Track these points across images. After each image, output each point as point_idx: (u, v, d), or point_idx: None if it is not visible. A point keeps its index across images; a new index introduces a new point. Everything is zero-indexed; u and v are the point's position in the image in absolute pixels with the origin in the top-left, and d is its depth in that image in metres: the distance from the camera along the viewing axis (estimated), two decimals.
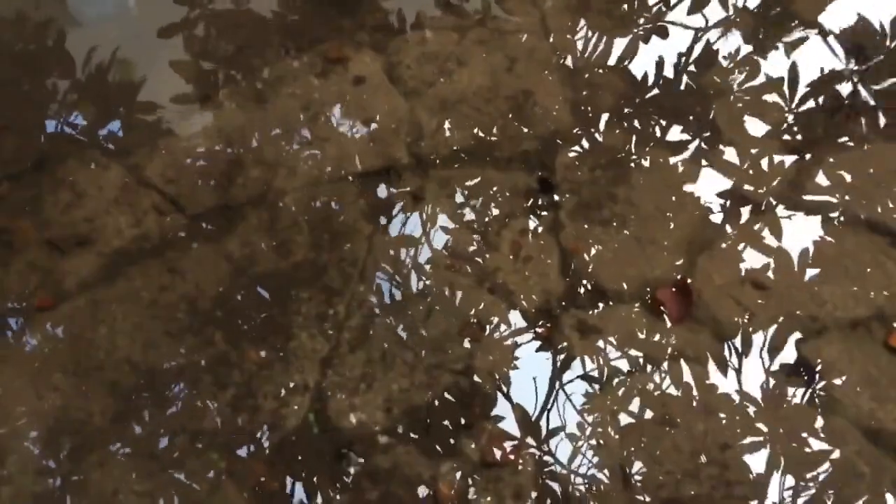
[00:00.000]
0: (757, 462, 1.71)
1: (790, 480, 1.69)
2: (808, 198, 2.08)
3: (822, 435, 1.74)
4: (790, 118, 2.23)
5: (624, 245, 2.00)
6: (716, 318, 1.89)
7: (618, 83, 2.29)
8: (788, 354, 1.85)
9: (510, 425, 1.76)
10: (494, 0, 2.48)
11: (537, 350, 1.85)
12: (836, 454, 1.72)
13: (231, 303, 1.90)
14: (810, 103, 2.27)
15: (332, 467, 1.70)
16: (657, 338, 1.87)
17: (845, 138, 2.19)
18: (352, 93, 2.26)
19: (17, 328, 1.87)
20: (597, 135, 2.19)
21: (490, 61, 2.33)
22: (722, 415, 1.77)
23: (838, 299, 1.92)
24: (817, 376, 1.81)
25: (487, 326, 1.88)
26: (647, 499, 1.67)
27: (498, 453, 1.71)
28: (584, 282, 1.95)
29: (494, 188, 2.09)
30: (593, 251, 1.99)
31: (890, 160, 2.14)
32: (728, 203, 2.07)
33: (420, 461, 1.71)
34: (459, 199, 2.07)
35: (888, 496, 1.68)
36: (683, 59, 2.36)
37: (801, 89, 2.29)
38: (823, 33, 2.42)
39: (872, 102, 2.26)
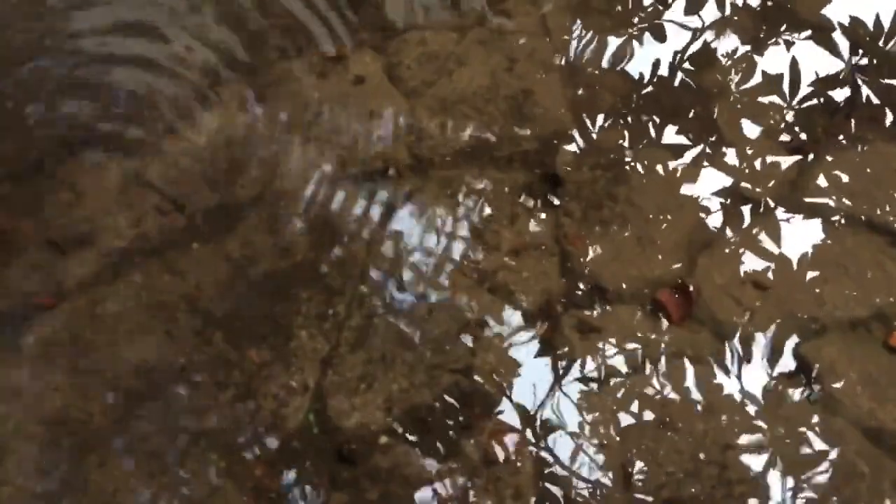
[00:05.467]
0: (756, 462, 1.72)
1: (790, 481, 1.69)
2: (808, 198, 2.08)
3: (821, 435, 1.74)
4: (790, 118, 2.23)
5: (624, 245, 2.00)
6: (716, 318, 1.89)
7: (618, 83, 2.29)
8: (788, 355, 1.85)
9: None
10: (491, 1, 2.47)
11: (538, 354, 1.85)
12: (836, 454, 1.72)
13: (231, 303, 1.90)
14: (811, 102, 2.27)
15: (332, 467, 1.70)
16: (658, 338, 1.87)
17: (845, 138, 2.19)
18: (352, 93, 2.26)
19: (17, 328, 1.86)
20: (596, 135, 2.19)
21: (490, 61, 2.33)
22: (722, 415, 1.77)
23: (838, 300, 1.92)
24: (817, 376, 1.81)
25: (487, 326, 1.88)
26: (649, 499, 1.67)
27: (499, 450, 1.71)
28: (584, 282, 1.95)
29: (494, 188, 2.09)
30: (593, 251, 1.99)
31: (890, 160, 2.15)
32: (728, 204, 2.07)
33: (420, 461, 1.71)
34: (460, 199, 2.07)
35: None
36: (680, 57, 2.36)
37: (802, 88, 2.29)
38: (825, 29, 2.41)
39: (877, 100, 2.26)
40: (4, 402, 1.77)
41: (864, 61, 2.35)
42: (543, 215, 2.05)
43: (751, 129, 2.21)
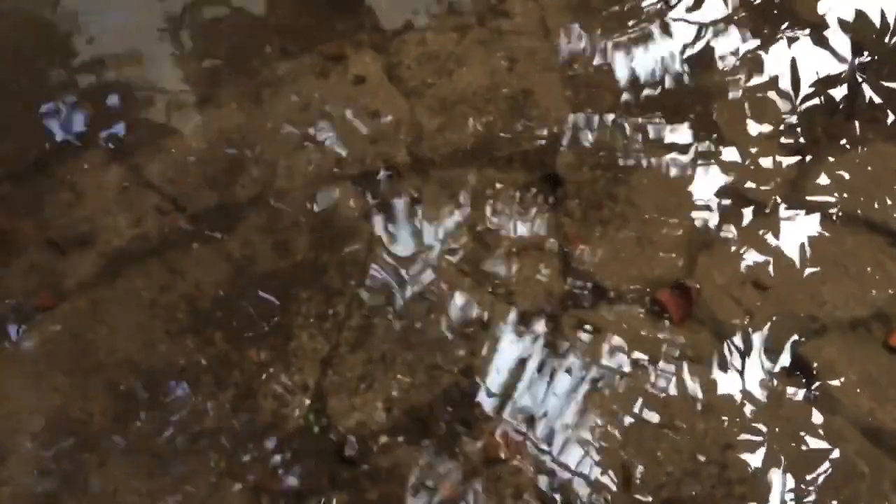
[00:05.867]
0: (756, 462, 1.71)
1: (790, 480, 1.69)
2: (808, 198, 2.08)
3: (821, 435, 1.74)
4: (791, 118, 2.23)
5: (624, 245, 2.00)
6: (716, 318, 1.89)
7: (618, 83, 2.29)
8: (788, 354, 1.85)
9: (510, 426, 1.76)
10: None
11: (538, 354, 1.85)
12: (835, 454, 1.72)
13: (231, 303, 1.90)
14: (811, 102, 2.26)
15: (332, 467, 1.70)
16: (658, 338, 1.87)
17: (845, 138, 2.19)
18: (352, 93, 2.26)
19: (18, 328, 1.87)
20: (597, 135, 2.19)
21: (490, 61, 2.33)
22: (722, 415, 1.77)
23: (838, 299, 1.92)
24: (817, 376, 1.81)
25: (487, 326, 1.88)
26: (648, 499, 1.67)
27: (501, 450, 1.71)
28: (584, 282, 1.95)
29: (495, 188, 2.09)
30: (593, 251, 1.99)
31: (889, 160, 2.14)
32: (728, 203, 2.07)
33: (420, 461, 1.71)
34: (460, 199, 2.07)
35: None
36: (683, 57, 2.36)
37: (802, 88, 2.29)
38: (824, 29, 2.41)
39: (877, 100, 2.26)
40: (4, 401, 1.77)
41: (866, 60, 2.35)
42: (543, 215, 2.05)
43: (751, 129, 2.21)
